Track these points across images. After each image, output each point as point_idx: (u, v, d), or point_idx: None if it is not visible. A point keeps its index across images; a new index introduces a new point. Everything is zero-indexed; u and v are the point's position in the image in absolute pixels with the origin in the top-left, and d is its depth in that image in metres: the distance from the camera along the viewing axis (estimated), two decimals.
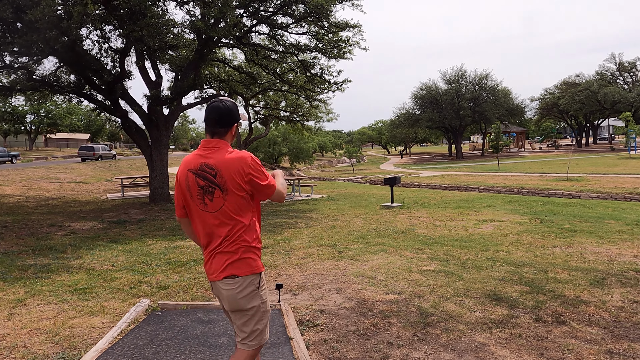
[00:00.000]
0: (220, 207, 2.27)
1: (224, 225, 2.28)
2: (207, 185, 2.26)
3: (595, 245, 7.02)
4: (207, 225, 2.31)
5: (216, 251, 2.29)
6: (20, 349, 3.60)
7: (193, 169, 2.31)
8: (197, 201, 2.30)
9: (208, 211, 2.28)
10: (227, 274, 2.26)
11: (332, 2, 13.30)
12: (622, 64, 53.86)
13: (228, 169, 2.25)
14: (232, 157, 2.27)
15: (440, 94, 50.00)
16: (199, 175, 2.29)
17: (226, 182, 2.25)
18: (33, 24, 9.64)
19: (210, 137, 2.34)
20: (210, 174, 2.26)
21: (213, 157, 2.28)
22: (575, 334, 3.73)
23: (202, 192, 2.28)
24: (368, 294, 4.81)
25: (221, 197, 2.26)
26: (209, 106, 2.35)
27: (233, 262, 2.27)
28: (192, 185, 2.30)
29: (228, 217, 2.28)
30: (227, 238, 2.28)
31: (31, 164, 31.25)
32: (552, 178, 21.25)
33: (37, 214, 11.75)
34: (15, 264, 6.44)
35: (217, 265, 2.29)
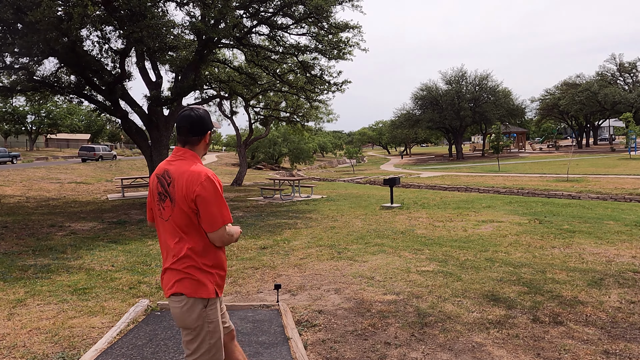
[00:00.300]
0: (169, 217, 2.21)
1: (173, 237, 2.21)
2: (162, 193, 2.23)
3: (593, 246, 7.04)
4: (161, 233, 2.28)
5: (169, 267, 2.21)
6: (20, 349, 3.62)
7: (159, 173, 2.28)
8: (157, 207, 2.28)
9: (162, 218, 2.25)
10: (174, 291, 2.18)
11: (331, 3, 13.33)
12: (623, 65, 53.87)
13: (180, 180, 2.17)
14: (190, 169, 2.18)
15: (441, 95, 50.03)
16: (159, 181, 2.26)
17: (176, 193, 2.17)
18: (33, 25, 9.67)
19: (181, 145, 2.28)
20: (167, 182, 2.22)
21: (175, 166, 2.23)
22: (572, 334, 3.75)
23: (159, 199, 2.25)
24: (366, 295, 4.83)
25: (170, 207, 2.20)
26: (180, 115, 2.28)
27: (181, 279, 2.18)
28: (154, 190, 2.29)
29: (175, 230, 2.20)
30: (176, 253, 2.20)
31: (32, 165, 31.29)
32: (552, 179, 21.26)
33: (37, 215, 11.77)
34: (16, 264, 6.46)
35: (167, 280, 2.22)
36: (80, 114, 58.78)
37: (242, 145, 25.90)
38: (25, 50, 11.34)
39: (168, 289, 2.21)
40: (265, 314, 4.26)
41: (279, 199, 15.77)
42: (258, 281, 5.49)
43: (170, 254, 2.21)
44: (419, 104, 52.29)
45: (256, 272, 5.91)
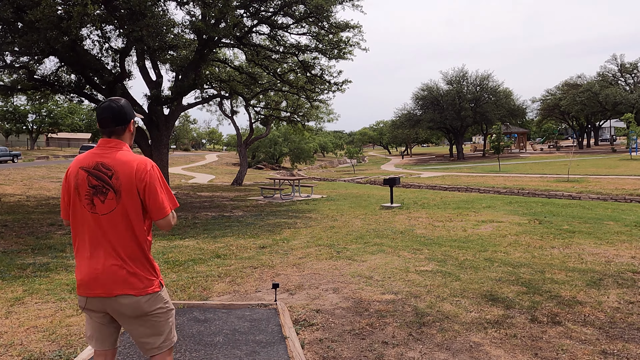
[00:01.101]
0: (111, 210, 2.13)
1: (114, 231, 2.13)
2: (100, 186, 2.13)
3: (593, 246, 7.03)
4: (93, 229, 2.14)
5: (107, 263, 2.11)
6: (17, 347, 3.62)
7: (86, 166, 2.16)
8: (85, 201, 2.14)
9: (96, 213, 2.13)
10: (121, 292, 2.12)
11: (332, 2, 13.33)
12: (624, 66, 53.76)
13: (126, 170, 2.14)
14: (133, 159, 2.17)
15: (442, 95, 49.99)
16: (92, 174, 2.15)
17: (122, 185, 2.13)
18: (33, 24, 9.68)
19: (108, 137, 2.22)
20: (106, 174, 2.14)
21: (110, 157, 2.17)
22: (570, 334, 3.74)
23: (93, 193, 2.13)
24: (365, 294, 4.83)
25: (114, 199, 2.13)
26: (100, 107, 2.24)
27: (127, 278, 2.12)
28: (82, 184, 2.15)
29: (119, 222, 2.14)
30: (117, 247, 2.13)
31: (32, 164, 31.32)
32: (552, 179, 21.24)
33: (37, 213, 11.78)
34: (15, 262, 6.46)
35: (108, 279, 2.11)
36: (81, 113, 58.84)
37: (242, 144, 25.90)
38: (26, 49, 11.35)
39: (113, 289, 2.12)
40: (262, 313, 4.25)
41: (279, 198, 15.77)
42: (257, 280, 5.48)
43: (107, 246, 2.13)
44: (420, 104, 52.25)
45: (255, 271, 5.91)
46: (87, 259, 2.14)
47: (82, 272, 2.15)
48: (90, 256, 2.14)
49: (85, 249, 2.16)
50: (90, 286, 2.13)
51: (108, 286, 2.12)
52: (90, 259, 2.14)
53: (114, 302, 2.14)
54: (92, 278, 2.12)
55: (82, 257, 2.16)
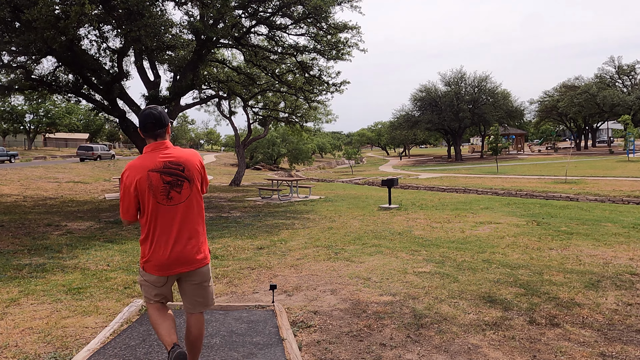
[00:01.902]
0: (188, 196, 2.60)
1: (190, 215, 2.63)
2: (174, 181, 2.55)
3: (591, 247, 7.02)
4: (171, 218, 2.57)
5: (188, 244, 2.62)
6: (12, 349, 3.59)
7: (156, 168, 2.53)
8: (160, 197, 2.53)
9: (173, 204, 2.56)
10: (200, 265, 2.68)
11: (330, 3, 13.32)
12: (621, 67, 53.94)
13: (190, 162, 2.64)
14: (188, 151, 2.69)
15: (440, 96, 50.09)
16: (166, 172, 2.54)
17: (193, 175, 2.63)
18: (31, 24, 9.64)
19: (154, 140, 2.61)
20: (179, 168, 2.57)
21: (172, 154, 2.60)
22: (569, 336, 3.72)
23: (169, 188, 2.54)
24: (362, 295, 4.81)
25: (188, 188, 2.60)
26: (143, 115, 2.61)
27: (203, 252, 2.71)
28: (157, 184, 2.52)
29: (193, 206, 2.65)
30: (193, 228, 2.65)
31: (30, 164, 31.22)
32: (550, 181, 21.26)
33: (34, 214, 11.73)
34: (11, 263, 6.42)
35: (191, 257, 2.63)
36: (79, 113, 58.69)
37: (240, 145, 25.86)
38: (23, 48, 11.31)
39: (203, 259, 2.70)
40: (260, 315, 4.23)
41: (277, 199, 15.74)
42: (254, 281, 5.46)
43: (185, 226, 2.61)
44: (418, 105, 52.33)
45: (252, 272, 5.88)
46: (168, 244, 2.57)
47: (163, 256, 2.57)
48: (170, 241, 2.57)
49: (164, 237, 2.57)
50: (171, 267, 2.60)
51: (190, 263, 2.63)
52: (172, 244, 2.57)
53: (193, 274, 2.68)
54: (175, 259, 2.58)
55: (161, 244, 2.57)
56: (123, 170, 2.60)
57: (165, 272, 2.61)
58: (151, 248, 2.60)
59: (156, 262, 2.60)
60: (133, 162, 2.58)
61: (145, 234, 2.63)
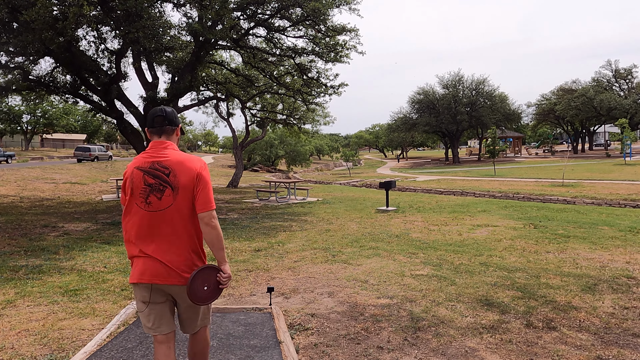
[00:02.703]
0: (168, 205, 2.29)
1: (171, 224, 2.31)
2: (156, 184, 2.29)
3: (588, 251, 7.04)
4: (146, 224, 2.31)
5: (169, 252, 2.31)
6: (8, 351, 3.57)
7: (142, 166, 2.32)
8: (139, 199, 2.31)
9: (150, 210, 2.29)
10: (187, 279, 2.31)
11: (329, 6, 13.33)
12: (618, 71, 54.12)
13: (182, 168, 2.31)
14: (188, 157, 2.36)
15: (438, 99, 50.16)
16: (149, 174, 2.31)
17: (179, 182, 2.29)
18: (29, 25, 9.62)
19: (158, 137, 2.41)
20: (164, 172, 2.30)
21: (166, 156, 2.33)
22: (566, 339, 3.73)
23: (149, 190, 2.29)
24: (360, 298, 4.81)
25: (171, 196, 2.29)
26: (153, 110, 2.43)
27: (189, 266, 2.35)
28: (137, 184, 2.31)
29: (175, 217, 2.31)
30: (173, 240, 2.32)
31: (27, 164, 31.12)
32: (547, 184, 21.31)
33: (30, 215, 11.69)
34: (7, 264, 6.40)
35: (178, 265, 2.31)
36: (76, 114, 58.52)
37: (238, 147, 25.84)
38: (21, 49, 11.28)
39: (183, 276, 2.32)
40: (257, 317, 4.22)
41: (275, 201, 15.73)
42: (251, 284, 5.45)
43: (166, 240, 2.30)
44: (416, 108, 52.40)
45: (250, 274, 5.88)
46: (141, 250, 2.32)
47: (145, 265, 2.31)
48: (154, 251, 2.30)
49: (141, 241, 2.32)
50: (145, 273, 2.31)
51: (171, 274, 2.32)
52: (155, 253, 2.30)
53: (179, 289, 2.36)
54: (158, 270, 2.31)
55: (139, 248, 2.33)
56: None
57: (141, 277, 2.31)
58: (131, 248, 2.38)
59: (134, 266, 2.36)
60: (136, 157, 2.46)
61: (126, 232, 2.40)
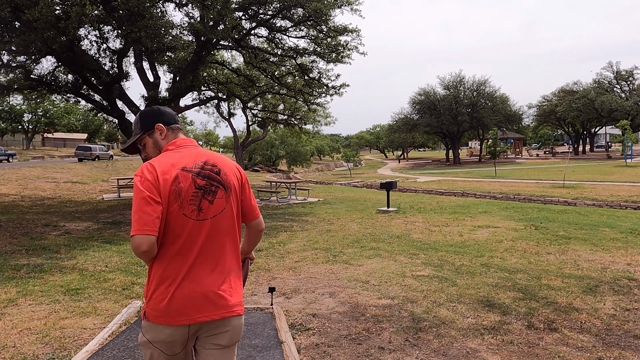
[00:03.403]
0: (222, 209, 1.82)
1: (227, 235, 1.84)
2: (208, 185, 1.80)
3: (589, 252, 7.04)
4: (193, 237, 1.76)
5: (215, 279, 1.77)
6: (10, 349, 3.58)
7: (189, 167, 1.80)
8: (189, 208, 1.75)
9: (201, 218, 1.77)
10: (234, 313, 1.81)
11: (331, 6, 13.34)
12: (620, 73, 54.10)
13: (228, 165, 1.91)
14: (223, 156, 1.96)
15: (439, 100, 50.15)
16: (198, 175, 1.80)
17: (230, 180, 1.87)
18: (31, 24, 9.64)
19: (175, 137, 1.96)
20: (213, 170, 1.84)
21: (205, 153, 1.89)
22: (567, 341, 3.73)
23: (201, 194, 1.78)
24: (361, 299, 4.81)
25: (224, 198, 1.83)
26: (160, 108, 2.00)
27: (238, 296, 1.84)
28: (187, 188, 1.75)
29: (229, 225, 1.85)
30: (225, 258, 1.83)
31: (28, 163, 31.16)
32: (548, 185, 21.30)
33: (32, 214, 11.70)
34: (8, 263, 6.41)
35: (218, 299, 1.76)
36: (78, 114, 58.64)
37: (239, 147, 25.87)
38: (23, 48, 11.29)
39: (234, 306, 1.81)
40: (258, 317, 4.23)
41: (276, 201, 15.74)
42: (252, 284, 5.46)
43: (218, 251, 1.81)
44: (417, 109, 52.39)
45: (250, 274, 5.88)
46: (188, 278, 1.73)
47: (179, 295, 1.71)
48: (185, 269, 1.74)
49: (179, 263, 1.74)
50: (188, 312, 1.71)
51: (216, 306, 1.76)
52: (189, 274, 1.74)
53: (220, 325, 1.79)
54: (195, 301, 1.72)
55: (179, 276, 1.73)
56: (139, 168, 1.79)
57: (180, 319, 1.71)
58: (162, 282, 1.73)
59: (168, 304, 1.71)
60: (156, 159, 1.84)
61: (156, 260, 1.76)
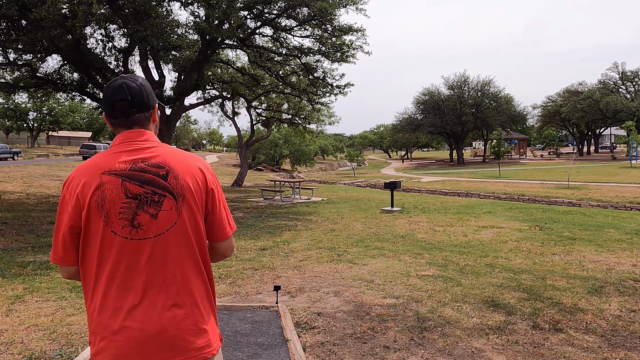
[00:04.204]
0: (172, 224, 1.40)
1: (173, 259, 1.41)
2: (147, 193, 1.39)
3: (594, 253, 7.02)
4: (133, 263, 1.38)
5: (164, 313, 1.38)
6: (18, 345, 3.61)
7: (116, 170, 1.39)
8: (119, 224, 1.37)
9: (140, 237, 1.38)
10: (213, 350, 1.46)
11: (336, 5, 13.36)
12: (625, 73, 53.89)
13: (185, 167, 1.45)
14: (187, 154, 1.51)
15: (443, 100, 50.09)
16: (130, 179, 1.39)
17: (183, 187, 1.42)
18: (38, 22, 9.70)
19: (126, 128, 1.49)
20: (157, 173, 1.41)
21: (155, 151, 1.46)
22: (572, 341, 3.73)
23: (136, 206, 1.38)
24: (366, 298, 4.82)
25: (174, 209, 1.41)
26: (110, 87, 1.48)
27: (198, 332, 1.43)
28: (113, 198, 1.37)
29: (185, 242, 1.43)
30: (178, 285, 1.42)
31: (33, 161, 31.31)
32: (552, 186, 21.24)
33: (37, 211, 11.76)
34: (15, 260, 6.45)
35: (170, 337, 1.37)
36: (82, 112, 58.85)
37: (243, 146, 25.89)
38: (29, 46, 11.37)
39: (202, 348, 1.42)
40: (264, 315, 4.25)
41: (280, 200, 15.76)
42: (257, 282, 5.47)
43: (164, 287, 1.40)
44: (421, 109, 52.36)
45: (255, 273, 5.90)
46: (125, 311, 1.36)
47: (119, 335, 1.35)
48: (132, 306, 1.37)
49: (119, 298, 1.37)
50: (133, 355, 1.35)
51: (176, 348, 1.38)
52: (131, 311, 1.37)
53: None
54: (140, 340, 1.35)
55: (113, 310, 1.37)
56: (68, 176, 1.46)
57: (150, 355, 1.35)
58: (100, 320, 1.38)
59: (105, 344, 1.35)
60: (83, 163, 1.45)
61: (90, 296, 1.41)
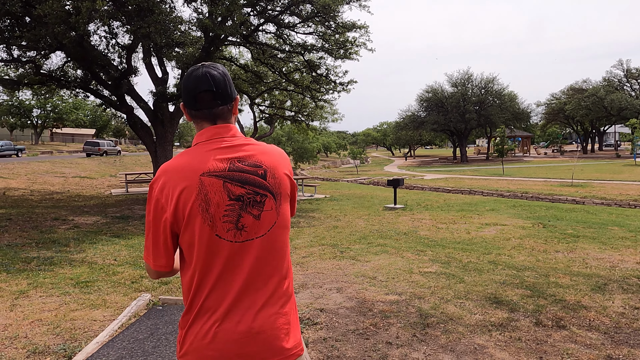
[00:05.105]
0: (273, 224, 1.37)
1: (275, 255, 1.39)
2: (249, 194, 1.33)
3: (597, 251, 7.00)
4: (235, 265, 1.33)
5: (265, 313, 1.34)
6: (22, 340, 3.63)
7: (215, 171, 1.31)
8: (224, 227, 1.31)
9: (244, 239, 1.33)
10: (301, 351, 1.41)
11: (339, 2, 13.31)
12: (630, 71, 53.56)
13: (278, 166, 1.41)
14: (275, 149, 1.45)
15: (446, 97, 49.92)
16: (232, 180, 1.32)
17: (281, 186, 1.40)
18: (41, 19, 9.70)
19: (211, 123, 1.39)
20: (255, 173, 1.35)
21: (248, 149, 1.38)
22: (575, 338, 3.72)
23: (240, 207, 1.32)
24: (368, 294, 4.82)
25: (274, 208, 1.37)
26: (194, 75, 1.36)
27: (292, 332, 1.40)
28: (217, 201, 1.30)
29: (282, 241, 1.41)
30: (275, 285, 1.38)
31: (36, 158, 31.42)
32: (556, 183, 21.17)
33: (41, 208, 11.81)
34: (19, 256, 6.49)
35: (268, 338, 1.33)
36: (86, 109, 58.96)
37: None
38: (33, 43, 11.37)
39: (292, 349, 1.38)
40: None
41: None
42: None
43: (265, 283, 1.36)
44: (424, 106, 52.21)
45: None
46: (224, 313, 1.31)
47: (222, 334, 1.30)
48: (230, 307, 1.32)
49: (219, 300, 1.32)
50: (232, 357, 1.30)
51: (271, 351, 1.34)
52: (230, 312, 1.32)
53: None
54: (240, 342, 1.30)
55: (217, 313, 1.31)
56: (154, 177, 1.36)
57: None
58: (196, 326, 1.32)
59: (209, 349, 1.30)
60: (171, 163, 1.35)
61: (190, 300, 1.35)
